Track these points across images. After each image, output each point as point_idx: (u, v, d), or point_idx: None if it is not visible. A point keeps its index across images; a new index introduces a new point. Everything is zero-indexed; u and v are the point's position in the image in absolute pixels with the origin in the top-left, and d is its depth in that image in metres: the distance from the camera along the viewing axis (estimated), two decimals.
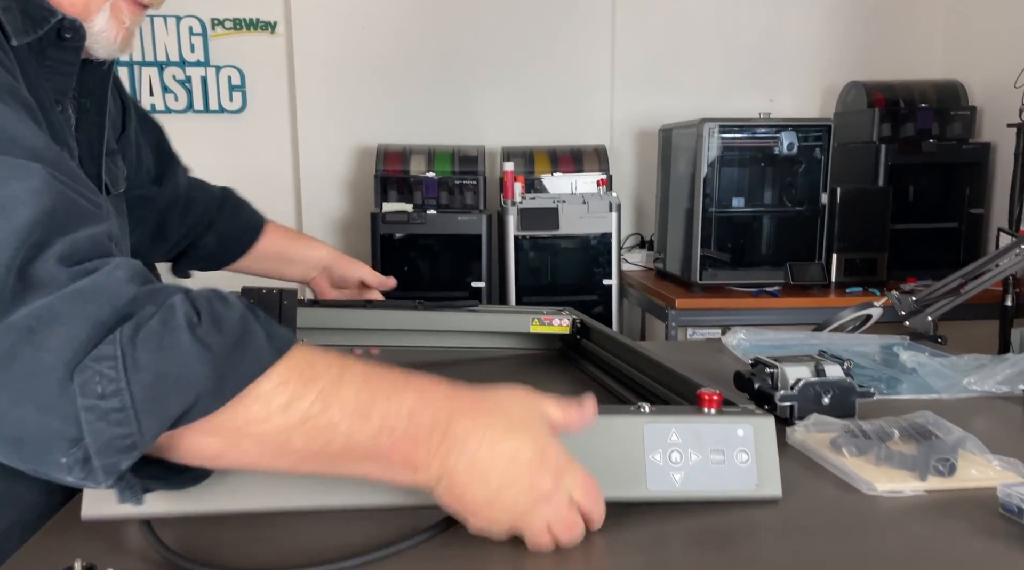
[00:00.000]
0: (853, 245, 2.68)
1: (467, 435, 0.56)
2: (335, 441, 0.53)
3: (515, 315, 1.30)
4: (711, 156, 2.65)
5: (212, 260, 1.19)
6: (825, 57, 3.28)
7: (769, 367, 1.00)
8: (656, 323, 3.05)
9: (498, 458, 0.56)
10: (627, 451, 0.67)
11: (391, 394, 0.55)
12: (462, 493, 0.56)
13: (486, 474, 0.56)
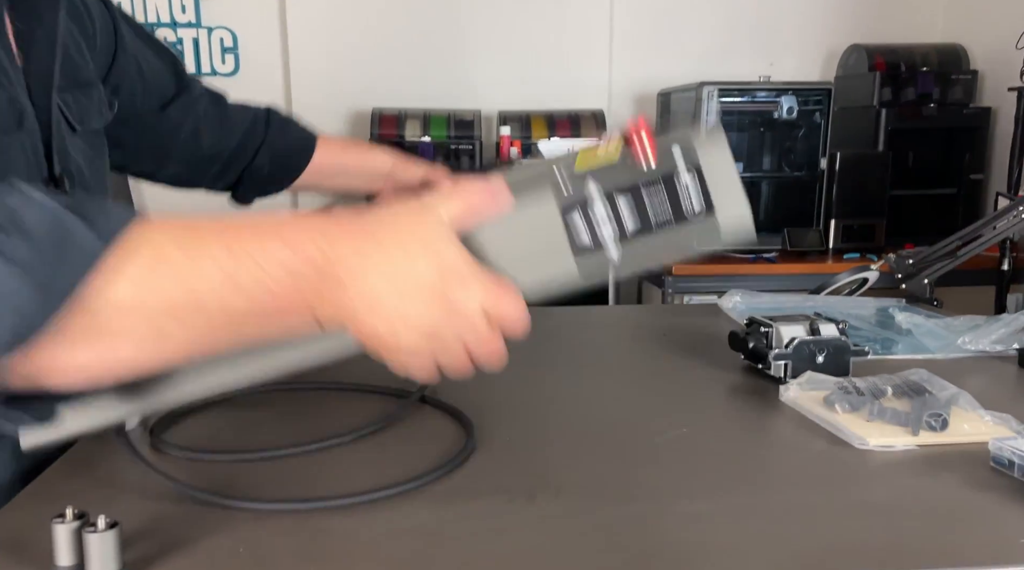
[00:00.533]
0: (852, 211, 2.67)
1: (350, 268, 0.50)
2: (214, 317, 0.48)
3: None
4: (710, 121, 2.62)
5: (270, 182, 1.14)
6: (826, 20, 3.23)
7: (764, 326, 1.00)
8: (653, 289, 3.05)
9: (390, 281, 0.50)
10: (538, 221, 0.55)
11: (254, 251, 0.48)
12: (367, 330, 0.51)
13: (381, 302, 0.50)
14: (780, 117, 2.65)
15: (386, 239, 0.51)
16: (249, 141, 1.09)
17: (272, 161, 1.11)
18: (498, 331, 0.53)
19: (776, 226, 2.68)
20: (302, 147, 1.14)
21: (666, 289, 2.64)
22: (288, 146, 1.13)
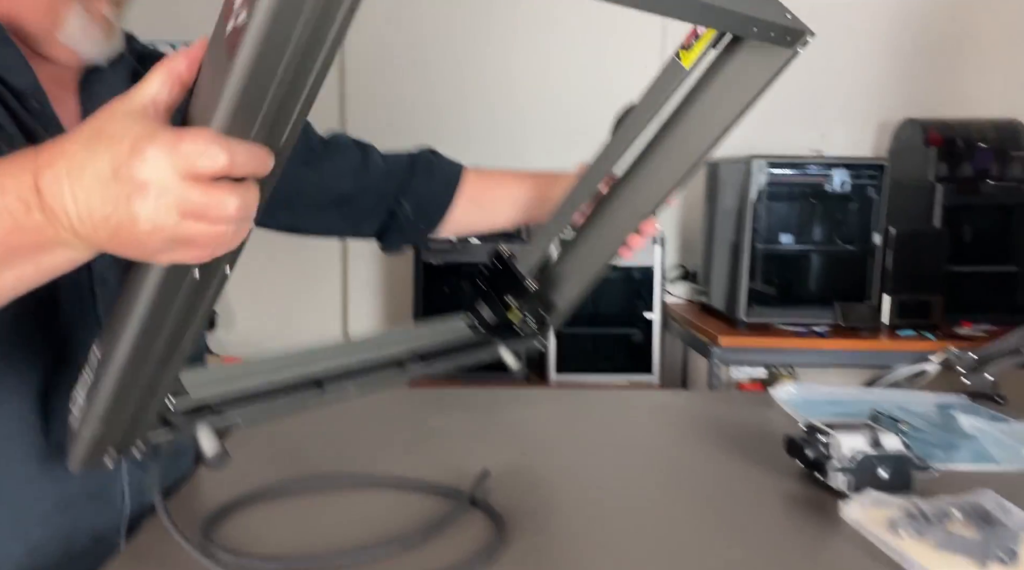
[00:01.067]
0: (907, 287, 2.61)
1: (55, 194, 0.50)
2: None
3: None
4: (759, 192, 2.61)
5: (415, 228, 1.12)
6: (879, 92, 3.22)
7: (823, 434, 0.97)
8: (699, 359, 3.00)
9: (88, 191, 0.49)
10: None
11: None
12: (100, 241, 0.52)
13: (91, 213, 0.50)
14: (832, 190, 2.62)
15: (76, 151, 0.50)
16: (388, 187, 1.10)
17: (415, 206, 1.11)
18: (206, 182, 0.49)
19: (827, 300, 2.62)
20: (445, 185, 1.13)
21: (712, 360, 2.60)
22: (430, 188, 1.12)
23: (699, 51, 0.91)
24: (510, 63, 3.16)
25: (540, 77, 3.16)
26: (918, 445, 1.14)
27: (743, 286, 2.61)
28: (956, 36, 3.20)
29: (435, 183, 1.13)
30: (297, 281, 3.32)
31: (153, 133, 0.49)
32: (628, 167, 1.10)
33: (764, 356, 2.62)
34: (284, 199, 1.05)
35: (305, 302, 3.33)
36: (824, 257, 2.70)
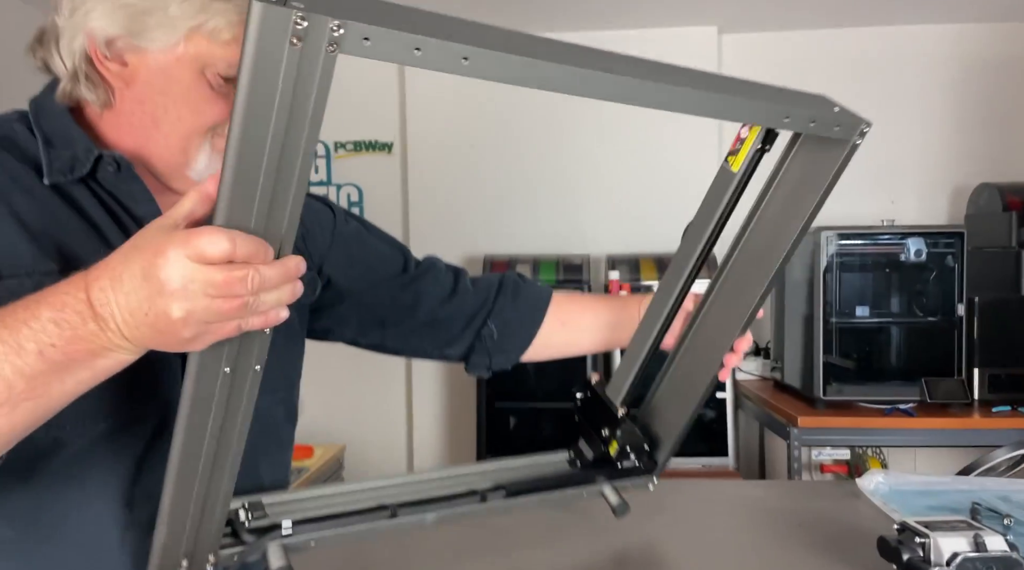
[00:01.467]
0: (997, 359, 2.45)
1: (101, 303, 0.58)
2: (15, 384, 0.59)
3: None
4: (830, 263, 2.53)
5: (501, 351, 1.13)
6: (949, 158, 3.13)
7: (919, 535, 0.89)
8: (776, 440, 2.86)
9: (127, 294, 0.58)
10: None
11: (27, 319, 0.59)
12: (145, 339, 0.59)
13: (134, 314, 0.58)
14: (907, 260, 2.52)
15: (116, 264, 0.59)
16: (476, 309, 1.12)
17: (502, 328, 1.12)
18: (221, 267, 0.56)
19: (911, 375, 2.48)
20: (533, 310, 1.14)
21: (791, 441, 2.47)
22: (517, 311, 1.13)
23: (745, 153, 0.94)
24: (565, 155, 3.21)
25: (596, 168, 3.20)
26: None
27: (819, 362, 2.50)
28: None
29: (522, 306, 1.14)
30: (363, 372, 3.35)
31: (171, 237, 0.57)
32: (712, 283, 1.08)
33: (847, 436, 2.48)
34: (378, 319, 1.09)
35: (370, 392, 3.36)
36: (904, 329, 2.57)
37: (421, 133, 3.23)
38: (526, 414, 2.90)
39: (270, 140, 0.57)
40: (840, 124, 0.89)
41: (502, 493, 1.00)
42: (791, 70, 3.17)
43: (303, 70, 0.55)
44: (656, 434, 1.12)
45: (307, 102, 0.57)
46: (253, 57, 0.54)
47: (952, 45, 3.11)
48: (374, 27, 0.56)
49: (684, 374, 1.11)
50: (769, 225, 1.00)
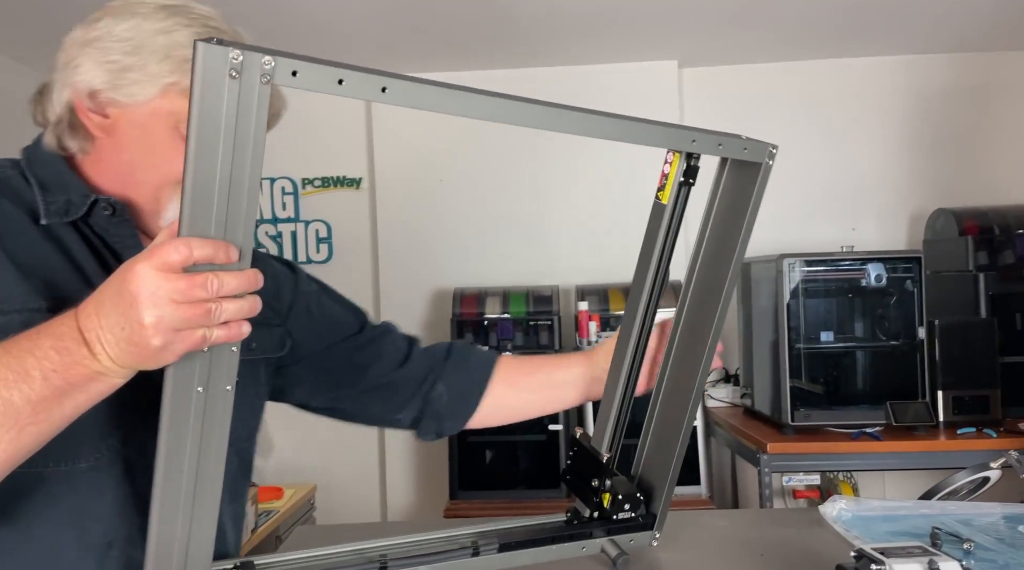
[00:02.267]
0: (960, 381, 2.49)
1: (90, 328, 0.65)
2: (23, 410, 0.64)
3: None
4: (793, 290, 2.57)
5: (452, 415, 1.15)
6: (908, 184, 3.21)
7: (875, 562, 0.89)
8: (748, 467, 2.87)
9: (107, 316, 0.65)
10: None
11: (32, 349, 0.65)
12: (133, 359, 0.65)
13: (115, 333, 0.64)
14: (868, 285, 2.57)
15: (99, 293, 0.66)
16: (426, 373, 1.14)
17: (451, 390, 1.14)
18: (184, 275, 0.63)
19: (877, 399, 2.51)
20: (479, 371, 1.16)
21: (762, 467, 2.48)
22: (466, 371, 1.16)
23: (671, 185, 1.04)
24: (533, 188, 3.24)
25: (564, 200, 3.23)
26: (985, 567, 1.05)
27: (786, 387, 2.53)
28: (976, 125, 3.21)
29: (469, 369, 1.16)
30: None
31: (139, 256, 0.64)
32: (675, 322, 1.12)
33: (816, 462, 2.50)
34: (332, 380, 1.09)
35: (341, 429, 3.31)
36: (868, 353, 2.61)
37: (389, 168, 3.25)
38: (501, 447, 2.88)
39: (220, 160, 0.65)
40: (748, 147, 1.00)
41: (495, 547, 0.99)
42: (750, 102, 3.25)
43: (243, 99, 0.65)
44: (649, 484, 1.14)
45: (248, 127, 0.65)
46: (200, 88, 0.63)
47: (903, 76, 3.22)
48: (301, 62, 0.66)
49: (662, 418, 1.14)
50: (712, 255, 1.08)
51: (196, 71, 0.62)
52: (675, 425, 1.11)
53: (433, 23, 2.67)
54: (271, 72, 0.65)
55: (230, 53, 0.63)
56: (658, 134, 0.93)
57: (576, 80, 3.20)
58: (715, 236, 1.08)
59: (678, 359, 1.12)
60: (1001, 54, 3.19)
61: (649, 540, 1.13)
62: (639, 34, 2.88)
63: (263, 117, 0.65)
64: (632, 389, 1.13)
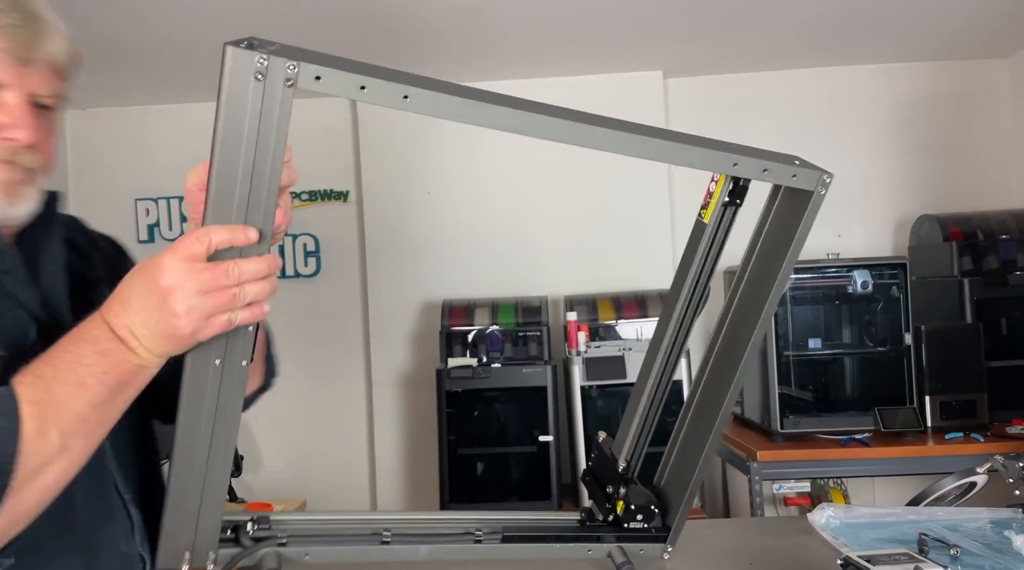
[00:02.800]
0: (947, 386, 2.50)
1: (121, 325, 0.71)
2: (90, 417, 0.71)
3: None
4: (782, 297, 2.58)
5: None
6: (892, 191, 3.24)
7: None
8: (738, 475, 2.87)
9: (137, 312, 0.70)
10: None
11: (77, 359, 0.71)
12: (164, 345, 0.72)
13: (148, 326, 0.70)
14: (855, 291, 2.58)
15: (122, 290, 0.72)
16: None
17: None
18: (207, 265, 0.70)
19: (865, 405, 2.52)
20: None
21: (752, 475, 2.48)
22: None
23: (714, 205, 1.02)
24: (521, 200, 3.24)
25: (551, 212, 3.24)
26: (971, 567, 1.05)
27: (775, 395, 2.53)
28: (959, 132, 3.24)
29: None
30: (322, 423, 3.30)
31: (163, 251, 0.70)
32: (712, 347, 1.12)
33: (806, 468, 2.50)
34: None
35: (331, 443, 3.30)
36: (856, 360, 2.62)
37: (377, 181, 3.24)
38: (491, 459, 2.87)
39: (243, 156, 0.70)
40: (798, 174, 0.94)
41: (498, 537, 0.99)
42: (735, 111, 3.27)
43: (266, 101, 0.69)
44: (668, 497, 1.13)
45: (271, 127, 0.70)
46: (227, 90, 0.68)
47: (887, 84, 3.25)
48: (324, 67, 0.70)
49: (689, 435, 1.13)
50: (752, 282, 1.05)
51: (224, 72, 0.67)
52: (699, 443, 1.09)
53: (417, 34, 2.68)
54: (295, 76, 0.69)
55: (256, 56, 0.68)
56: (695, 155, 0.88)
57: (561, 91, 3.21)
58: (759, 264, 1.04)
59: (711, 379, 1.10)
60: (982, 62, 3.23)
61: (660, 552, 1.12)
62: (624, 45, 2.90)
63: (286, 119, 0.70)
64: (660, 401, 1.12)
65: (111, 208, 3.30)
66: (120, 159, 3.32)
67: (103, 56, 2.71)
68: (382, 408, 3.22)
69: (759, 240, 1.04)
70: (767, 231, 1.03)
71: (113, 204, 3.30)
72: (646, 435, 1.14)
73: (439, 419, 2.80)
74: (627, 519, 1.09)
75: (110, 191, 3.30)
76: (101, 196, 3.31)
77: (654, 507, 1.10)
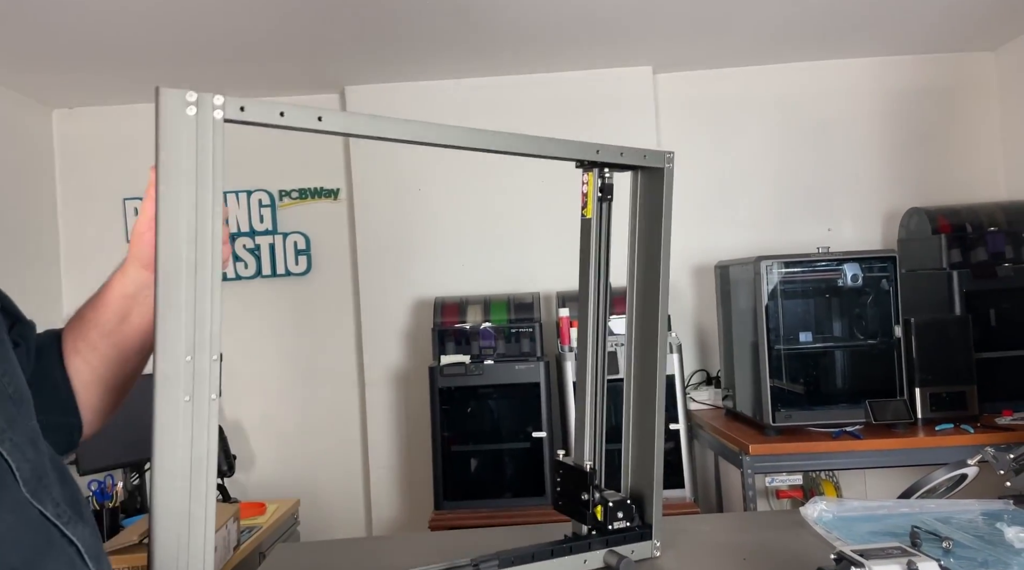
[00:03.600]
0: (937, 378, 2.52)
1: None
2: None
3: None
4: (771, 292, 2.59)
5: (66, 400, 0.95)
6: (882, 184, 3.25)
7: (855, 565, 0.90)
8: (731, 469, 2.88)
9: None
10: None
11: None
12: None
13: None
14: (845, 285, 2.59)
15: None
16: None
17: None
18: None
19: (856, 397, 2.54)
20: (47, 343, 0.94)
21: (744, 469, 2.49)
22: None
23: (591, 201, 1.23)
24: (511, 196, 3.24)
25: (543, 207, 3.23)
26: (965, 565, 1.06)
27: (766, 388, 2.54)
28: (947, 125, 3.25)
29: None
30: (315, 421, 3.29)
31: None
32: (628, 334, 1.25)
33: (798, 462, 2.51)
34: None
35: (324, 442, 3.29)
36: (846, 353, 2.64)
37: (368, 178, 3.23)
38: (485, 456, 2.87)
39: (185, 186, 0.78)
40: (648, 155, 1.18)
41: (495, 562, 1.00)
42: (724, 105, 3.28)
43: (200, 131, 0.78)
44: (639, 494, 1.18)
45: (208, 156, 0.78)
46: (164, 127, 0.77)
47: (875, 78, 3.26)
48: (247, 99, 0.82)
49: (638, 427, 1.19)
50: (645, 261, 1.24)
51: (160, 112, 0.76)
52: (649, 429, 1.14)
53: (407, 32, 2.67)
54: (223, 107, 0.79)
55: (186, 94, 0.78)
56: (566, 147, 1.13)
57: (551, 87, 3.21)
58: (644, 242, 1.23)
59: (638, 366, 1.19)
60: (969, 55, 3.24)
61: (651, 550, 1.14)
62: (613, 40, 2.89)
63: (220, 146, 0.78)
64: (601, 397, 1.19)
65: (99, 208, 3.27)
66: (108, 158, 3.29)
67: (90, 55, 2.69)
68: (375, 406, 3.22)
69: (636, 220, 1.25)
70: (640, 211, 1.24)
71: (101, 204, 3.27)
72: (599, 432, 1.21)
73: (432, 416, 2.80)
74: (609, 520, 1.12)
75: (98, 191, 3.28)
76: (89, 196, 3.29)
77: (629, 501, 1.14)
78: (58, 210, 3.31)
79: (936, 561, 0.89)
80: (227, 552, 2.14)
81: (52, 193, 3.30)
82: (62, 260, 3.29)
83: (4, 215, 2.98)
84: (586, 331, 1.21)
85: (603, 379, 1.21)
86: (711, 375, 3.22)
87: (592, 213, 1.21)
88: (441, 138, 0.98)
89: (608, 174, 1.19)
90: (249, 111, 0.81)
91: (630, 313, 1.25)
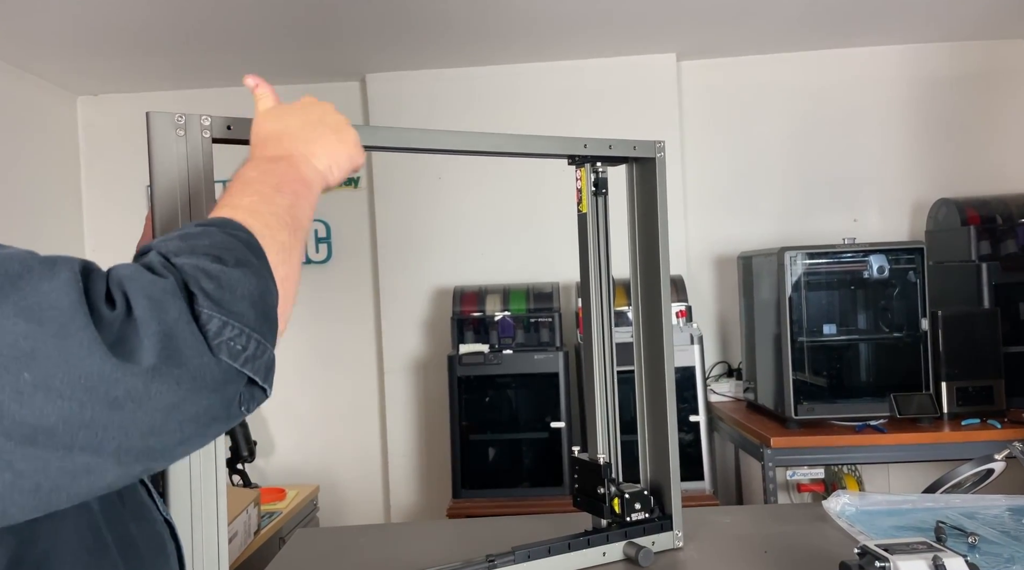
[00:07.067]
0: (963, 372, 2.47)
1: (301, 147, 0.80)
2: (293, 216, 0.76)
3: None
4: (795, 283, 2.55)
5: None
6: (909, 174, 3.19)
7: (879, 559, 0.88)
8: (752, 462, 2.86)
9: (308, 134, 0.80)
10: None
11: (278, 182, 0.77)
12: (325, 160, 0.81)
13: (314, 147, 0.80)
14: (871, 276, 2.55)
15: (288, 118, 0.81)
16: None
17: None
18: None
19: (880, 391, 2.50)
20: None
21: (765, 462, 2.46)
22: None
23: (585, 196, 1.26)
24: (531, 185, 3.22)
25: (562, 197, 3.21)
26: (990, 561, 1.03)
27: (789, 381, 2.51)
28: (977, 114, 3.18)
29: None
30: (335, 409, 3.31)
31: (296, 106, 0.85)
32: (636, 326, 1.25)
33: (820, 455, 2.48)
34: None
35: (343, 429, 3.31)
36: (871, 346, 2.60)
37: (387, 167, 3.23)
38: (503, 445, 2.87)
39: (179, 203, 0.83)
40: (637, 146, 1.18)
41: (512, 558, 1.01)
42: (749, 94, 3.23)
43: (190, 149, 0.84)
44: (658, 485, 1.18)
45: (199, 173, 0.84)
46: (156, 148, 0.84)
47: (904, 65, 3.19)
48: (232, 119, 0.88)
49: (652, 418, 1.19)
50: (645, 252, 1.25)
51: (151, 135, 0.83)
52: (662, 418, 1.15)
53: (426, 17, 2.65)
54: (210, 127, 0.86)
55: (174, 116, 0.84)
56: (553, 144, 1.14)
57: (574, 75, 3.18)
58: (643, 234, 1.24)
59: (647, 357, 1.20)
60: (1002, 42, 3.17)
61: (673, 540, 1.14)
62: (637, 27, 2.86)
63: (209, 161, 0.84)
64: (612, 390, 1.19)
65: (123, 194, 3.31)
66: (132, 145, 3.32)
67: (114, 42, 2.70)
68: (394, 394, 3.23)
69: (634, 212, 1.26)
70: (637, 203, 1.25)
71: (125, 190, 3.30)
72: (614, 427, 1.22)
73: (451, 405, 2.81)
74: (627, 512, 1.11)
75: (122, 177, 3.31)
76: (113, 182, 3.32)
77: (646, 491, 1.13)
78: (82, 196, 3.35)
79: (963, 557, 0.87)
80: (247, 537, 2.16)
81: (76, 179, 3.34)
82: (86, 246, 3.33)
83: (29, 201, 3.02)
84: (591, 325, 1.22)
85: (613, 372, 1.22)
86: (732, 367, 3.19)
87: (587, 208, 1.23)
88: (424, 142, 1.04)
89: (602, 168, 1.19)
90: (236, 129, 0.87)
91: (635, 304, 1.25)
